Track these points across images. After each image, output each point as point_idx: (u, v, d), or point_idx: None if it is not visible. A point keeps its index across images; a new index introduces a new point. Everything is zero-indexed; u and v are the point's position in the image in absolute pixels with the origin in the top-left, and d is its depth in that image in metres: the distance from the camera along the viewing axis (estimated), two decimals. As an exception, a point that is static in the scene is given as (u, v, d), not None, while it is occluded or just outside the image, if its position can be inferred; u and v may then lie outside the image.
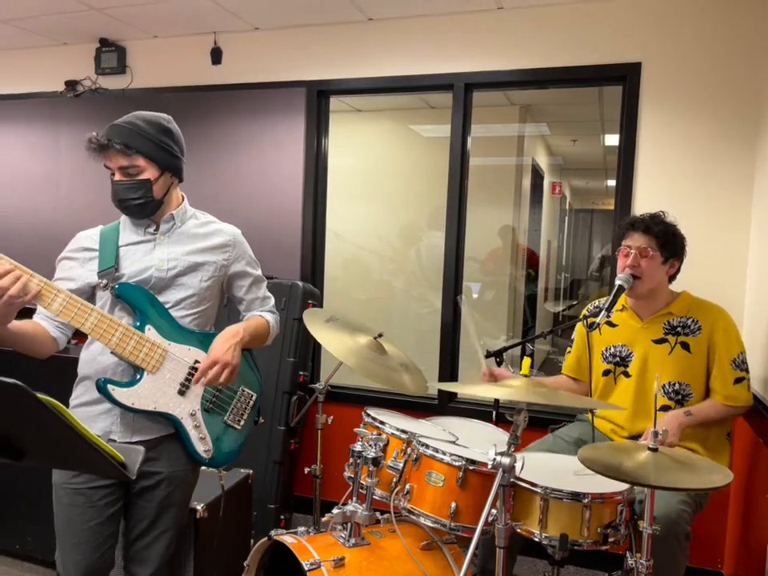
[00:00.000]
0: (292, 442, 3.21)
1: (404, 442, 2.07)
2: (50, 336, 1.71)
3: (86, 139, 1.66)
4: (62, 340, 1.74)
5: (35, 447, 1.17)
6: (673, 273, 2.30)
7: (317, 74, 3.49)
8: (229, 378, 1.75)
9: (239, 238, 1.91)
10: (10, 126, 4.10)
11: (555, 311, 4.34)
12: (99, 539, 1.74)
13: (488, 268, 4.78)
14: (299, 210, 3.55)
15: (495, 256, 4.87)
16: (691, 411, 2.17)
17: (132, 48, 3.84)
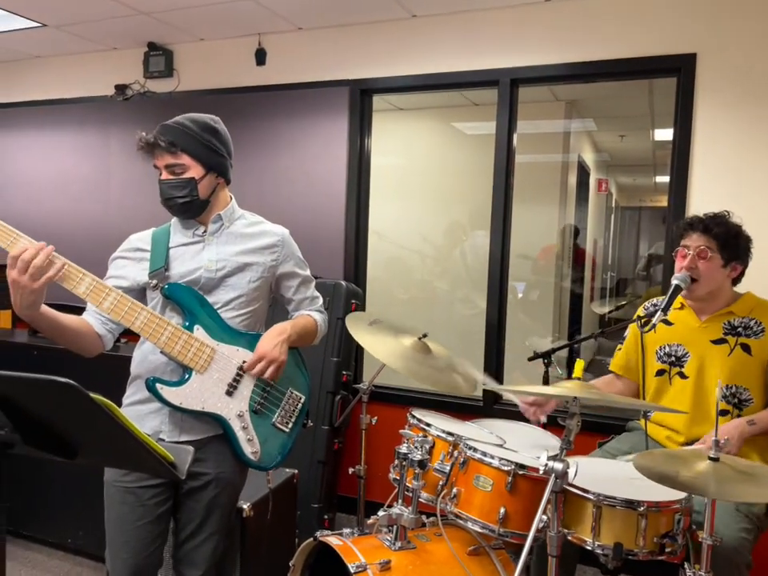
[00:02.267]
0: (336, 442, 3.20)
1: (450, 445, 2.03)
2: (96, 333, 1.71)
3: (136, 138, 1.69)
4: (108, 338, 1.75)
5: (88, 446, 1.18)
6: (736, 276, 2.20)
7: (360, 73, 3.48)
8: (275, 374, 1.75)
9: (287, 238, 1.90)
10: (63, 129, 4.21)
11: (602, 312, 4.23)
12: (148, 538, 1.75)
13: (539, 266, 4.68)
14: (342, 209, 3.55)
15: (548, 253, 4.77)
16: (754, 420, 2.07)
17: (179, 51, 3.89)
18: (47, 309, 1.55)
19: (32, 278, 1.43)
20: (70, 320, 1.65)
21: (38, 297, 1.48)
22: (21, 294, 1.44)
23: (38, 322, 1.54)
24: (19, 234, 1.50)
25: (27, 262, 1.43)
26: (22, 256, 1.43)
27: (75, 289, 1.55)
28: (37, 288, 1.45)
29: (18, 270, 1.43)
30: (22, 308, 1.47)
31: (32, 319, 1.52)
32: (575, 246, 5.23)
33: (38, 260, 1.44)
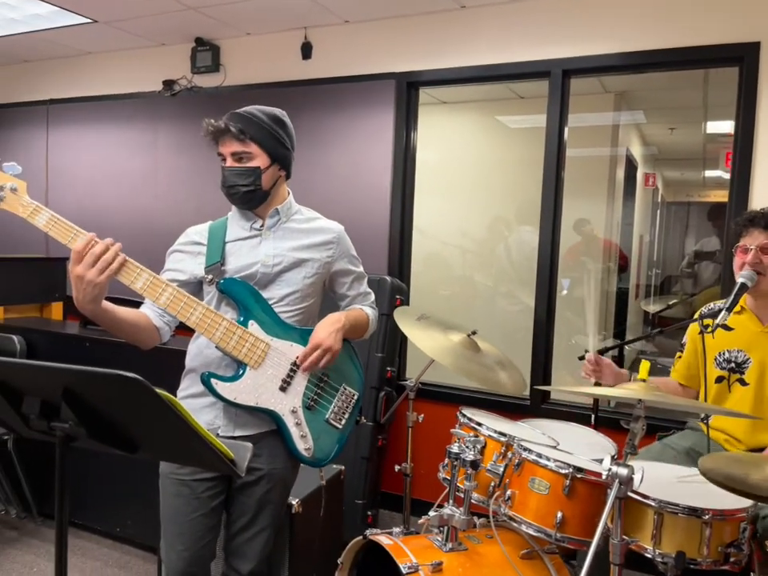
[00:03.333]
0: (380, 438, 3.18)
1: (503, 445, 1.99)
2: (154, 326, 1.71)
3: (204, 124, 1.68)
4: (165, 331, 1.75)
5: (150, 441, 1.18)
6: None
7: (407, 66, 3.43)
8: (330, 363, 1.74)
9: (343, 235, 1.88)
10: (113, 125, 4.28)
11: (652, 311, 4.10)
12: (201, 530, 1.75)
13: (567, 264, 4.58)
14: (387, 204, 3.52)
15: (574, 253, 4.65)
16: None
17: (226, 46, 3.91)
18: (107, 303, 1.55)
19: (99, 272, 1.44)
20: (128, 313, 1.65)
21: (102, 291, 1.49)
22: (84, 289, 1.45)
23: (99, 316, 1.55)
24: (79, 230, 1.51)
25: (97, 256, 1.44)
26: (93, 250, 1.44)
27: (133, 284, 1.55)
28: (101, 282, 1.46)
29: (86, 263, 1.44)
30: (84, 302, 1.48)
31: (94, 314, 1.52)
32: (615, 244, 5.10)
33: (108, 255, 1.45)
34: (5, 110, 4.72)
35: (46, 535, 3.13)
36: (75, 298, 1.48)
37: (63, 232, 1.51)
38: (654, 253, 7.76)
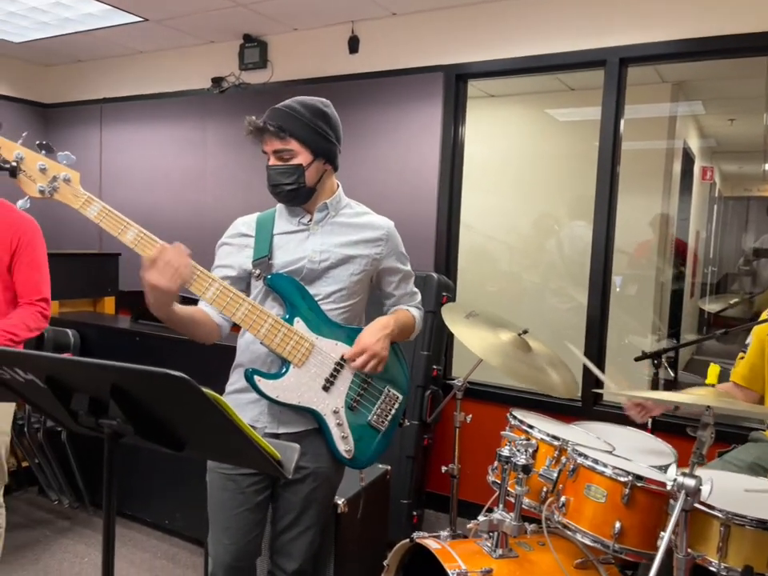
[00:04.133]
0: (425, 438, 3.13)
1: (556, 449, 1.91)
2: (214, 322, 1.71)
3: (245, 123, 1.65)
4: (225, 327, 1.74)
5: (196, 439, 1.16)
6: None
7: (455, 58, 3.36)
8: (375, 368, 1.69)
9: (392, 232, 1.83)
10: (162, 123, 4.34)
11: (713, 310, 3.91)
12: (247, 526, 1.75)
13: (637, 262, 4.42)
14: (434, 199, 3.46)
15: (645, 248, 4.48)
16: None
17: (273, 42, 3.91)
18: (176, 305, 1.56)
19: (171, 279, 1.46)
20: (193, 312, 1.66)
21: (173, 297, 1.51)
22: (158, 296, 1.47)
23: (168, 318, 1.56)
24: (129, 222, 1.51)
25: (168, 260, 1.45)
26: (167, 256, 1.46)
27: (178, 278, 1.54)
28: (173, 289, 1.47)
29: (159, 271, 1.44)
30: (156, 308, 1.50)
31: (168, 317, 1.55)
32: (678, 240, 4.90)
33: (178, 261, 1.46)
34: (61, 109, 4.85)
35: (98, 525, 3.19)
36: (149, 303, 1.49)
37: (114, 224, 1.50)
38: (711, 250, 7.46)
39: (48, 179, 1.46)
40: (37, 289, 2.17)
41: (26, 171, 1.45)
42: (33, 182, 1.45)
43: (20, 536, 3.07)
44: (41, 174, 1.46)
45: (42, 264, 2.20)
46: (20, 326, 2.09)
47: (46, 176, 1.46)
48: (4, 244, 2.12)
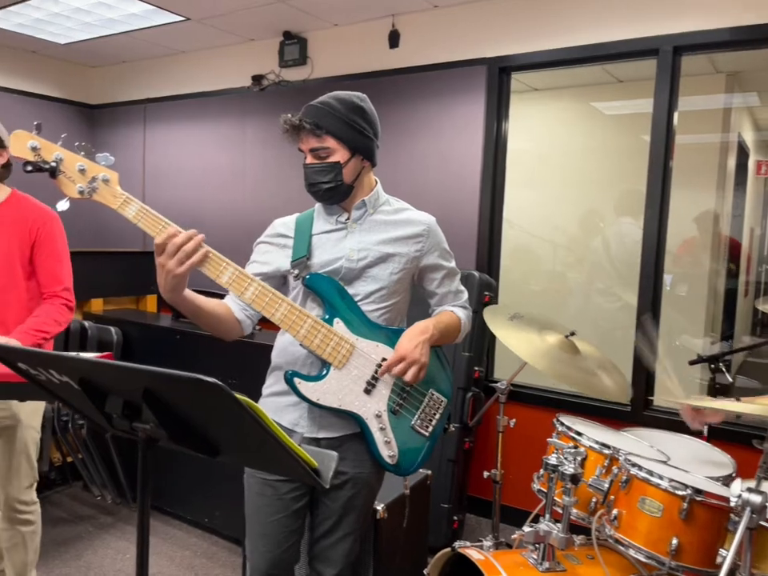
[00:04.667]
0: (466, 441, 3.05)
1: (606, 458, 1.82)
2: (235, 318, 1.67)
3: (281, 121, 1.61)
4: (247, 324, 1.70)
5: (231, 446, 1.12)
6: None
7: (498, 50, 3.27)
8: (415, 376, 1.62)
9: (434, 227, 1.76)
10: (202, 122, 4.36)
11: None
12: (285, 532, 1.71)
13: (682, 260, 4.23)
14: (476, 196, 3.37)
15: (690, 246, 4.30)
16: None
17: (313, 39, 3.88)
18: (189, 293, 1.53)
19: (179, 263, 1.42)
20: (211, 304, 1.62)
21: (182, 281, 1.46)
22: (165, 277, 1.44)
23: (180, 304, 1.53)
24: (167, 222, 1.48)
25: (177, 246, 1.41)
26: (174, 240, 1.41)
27: (218, 278, 1.51)
28: (180, 273, 1.43)
29: (167, 253, 1.41)
30: (165, 290, 1.47)
31: (175, 302, 1.51)
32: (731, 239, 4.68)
33: (188, 246, 1.42)
34: (105, 110, 4.92)
35: (139, 522, 3.21)
36: (159, 285, 1.46)
37: (152, 224, 1.48)
38: (766, 247, 7.14)
39: (87, 180, 1.45)
40: (58, 279, 2.17)
41: (65, 172, 1.44)
42: (72, 182, 1.44)
43: (63, 531, 3.11)
44: (80, 174, 1.44)
45: (62, 254, 2.20)
46: (49, 322, 2.10)
47: (85, 177, 1.45)
48: (24, 237, 2.12)
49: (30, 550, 2.30)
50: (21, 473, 2.20)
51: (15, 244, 2.10)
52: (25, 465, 2.21)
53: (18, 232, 2.11)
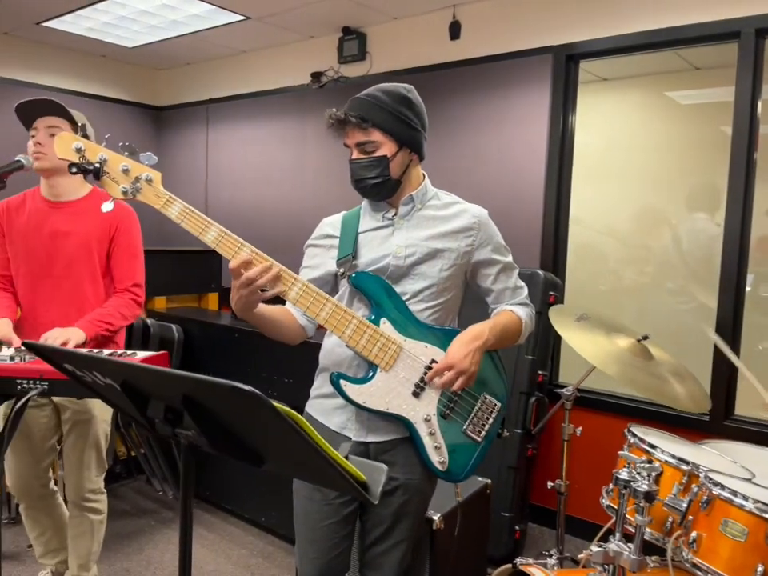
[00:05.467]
0: (529, 448, 2.92)
1: (684, 475, 1.67)
2: (298, 324, 1.66)
3: (326, 116, 1.56)
4: (310, 327, 1.68)
5: (274, 455, 1.06)
6: None
7: (565, 37, 3.11)
8: (463, 386, 1.54)
9: (485, 219, 1.66)
10: (263, 120, 4.38)
11: None
12: (334, 539, 1.65)
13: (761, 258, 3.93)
14: (541, 192, 3.23)
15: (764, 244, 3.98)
16: None
17: (372, 33, 3.82)
18: (260, 307, 1.52)
19: (251, 293, 1.43)
20: (276, 314, 1.61)
21: (254, 305, 1.48)
22: (239, 300, 1.45)
23: (251, 320, 1.54)
24: (210, 221, 1.45)
25: (251, 279, 1.41)
26: (248, 274, 1.41)
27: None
28: (254, 300, 1.45)
29: (241, 283, 1.41)
30: (238, 310, 1.48)
31: (246, 319, 1.52)
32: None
33: (262, 281, 1.42)
34: (170, 112, 5.03)
35: (199, 518, 3.24)
36: (232, 303, 1.47)
37: (195, 224, 1.45)
38: None
39: (131, 180, 1.43)
40: (131, 275, 2.21)
41: (109, 173, 1.43)
42: (116, 183, 1.43)
43: (126, 524, 3.17)
44: (123, 175, 1.43)
45: (137, 251, 2.24)
46: (115, 314, 2.13)
47: (128, 177, 1.43)
48: (103, 232, 2.16)
49: (96, 539, 2.35)
50: (92, 464, 2.27)
51: (94, 238, 2.15)
52: (96, 456, 2.27)
53: (97, 227, 2.15)
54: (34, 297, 2.15)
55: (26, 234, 2.14)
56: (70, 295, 2.14)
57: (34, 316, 2.15)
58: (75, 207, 2.16)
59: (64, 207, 2.16)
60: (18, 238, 2.15)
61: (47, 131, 2.06)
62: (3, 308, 2.12)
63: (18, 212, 2.17)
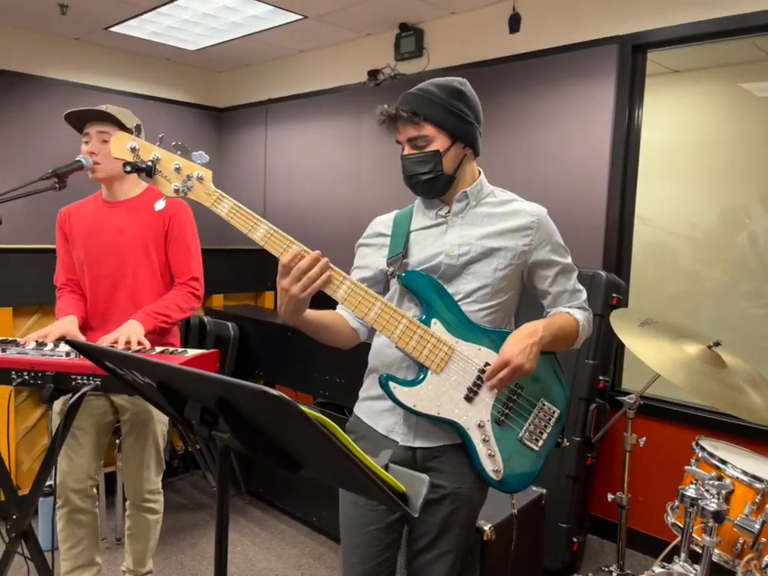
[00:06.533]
0: (589, 456, 2.79)
1: (758, 493, 1.54)
2: (350, 327, 1.62)
3: (377, 112, 1.52)
4: (363, 331, 1.64)
5: (310, 461, 1.02)
6: None
7: (631, 26, 2.96)
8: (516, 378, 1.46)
9: (544, 218, 1.58)
10: (319, 119, 4.39)
11: None
12: (379, 546, 1.61)
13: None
14: (604, 189, 3.09)
15: None
16: None
17: (429, 29, 3.76)
18: (309, 312, 1.48)
19: (303, 288, 1.37)
20: (327, 318, 1.57)
21: (304, 305, 1.43)
22: (288, 302, 1.39)
23: (301, 326, 1.49)
24: (259, 219, 1.43)
25: (303, 271, 1.36)
26: (299, 264, 1.36)
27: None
28: (304, 298, 1.39)
29: (292, 277, 1.36)
30: (287, 314, 1.43)
31: (296, 324, 1.48)
32: None
33: (314, 272, 1.37)
34: (230, 113, 5.11)
35: (252, 515, 3.27)
36: (279, 308, 1.43)
37: (244, 221, 1.43)
38: None
39: (182, 178, 1.43)
40: (187, 268, 2.23)
41: (161, 171, 1.43)
42: (168, 181, 1.43)
43: (182, 518, 3.23)
44: (175, 173, 1.43)
45: (192, 245, 2.26)
46: (172, 307, 2.15)
47: (180, 175, 1.43)
48: (159, 227, 2.19)
49: (152, 537, 2.39)
50: (152, 464, 2.29)
51: (151, 234, 2.19)
52: (155, 456, 2.30)
53: (153, 222, 2.19)
54: (98, 296, 2.20)
55: (87, 236, 2.19)
56: (131, 292, 2.17)
57: (100, 314, 2.19)
58: (130, 204, 2.21)
59: (120, 205, 2.20)
60: (80, 240, 2.20)
61: (99, 137, 2.11)
62: (70, 306, 2.18)
63: (79, 216, 2.23)
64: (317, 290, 1.40)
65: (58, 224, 2.25)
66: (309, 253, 1.40)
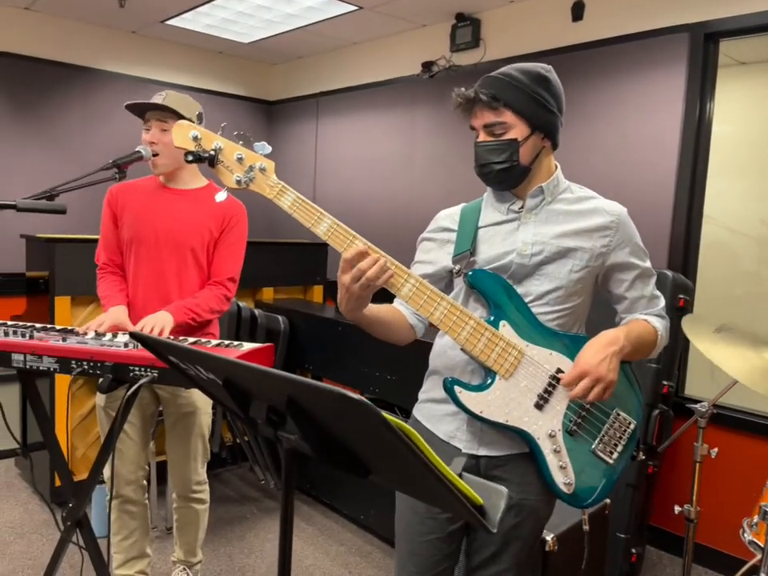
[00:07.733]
0: (650, 465, 2.67)
1: None
2: (408, 323, 1.55)
3: (453, 95, 1.44)
4: (420, 327, 1.57)
5: (381, 468, 0.96)
6: None
7: (703, 13, 2.81)
8: (600, 396, 1.37)
9: (624, 219, 1.48)
10: (371, 112, 4.33)
11: None
12: (436, 556, 1.55)
13: None
14: (671, 186, 2.95)
15: None
16: None
17: (486, 19, 3.66)
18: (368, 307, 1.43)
19: (362, 288, 1.32)
20: (385, 314, 1.51)
21: (364, 303, 1.37)
22: (348, 298, 1.35)
23: (359, 321, 1.44)
24: (323, 212, 1.38)
25: (363, 271, 1.31)
26: (360, 265, 1.31)
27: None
28: (364, 296, 1.34)
29: (352, 276, 1.31)
30: (346, 310, 1.38)
31: (355, 320, 1.42)
32: None
33: (372, 272, 1.31)
34: (282, 105, 5.10)
35: (299, 509, 3.25)
36: (339, 303, 1.37)
37: (307, 215, 1.38)
38: None
39: (244, 169, 1.39)
40: (229, 269, 2.20)
41: (224, 161, 1.40)
42: (230, 172, 1.39)
43: (230, 510, 3.23)
44: (237, 163, 1.39)
45: (239, 247, 2.24)
46: (205, 307, 2.12)
47: (242, 166, 1.39)
48: (217, 222, 2.18)
49: (201, 528, 2.39)
50: (198, 455, 2.30)
51: (207, 226, 2.17)
52: (200, 447, 2.30)
53: (211, 217, 2.17)
54: (139, 279, 2.17)
55: (139, 217, 2.15)
56: (173, 280, 2.15)
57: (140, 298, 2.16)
58: (192, 195, 2.19)
59: (182, 194, 2.19)
60: (130, 220, 2.16)
61: (159, 125, 2.10)
62: (118, 293, 2.15)
63: (132, 195, 2.19)
64: (377, 288, 1.34)
65: (107, 201, 2.21)
66: (373, 249, 1.34)
